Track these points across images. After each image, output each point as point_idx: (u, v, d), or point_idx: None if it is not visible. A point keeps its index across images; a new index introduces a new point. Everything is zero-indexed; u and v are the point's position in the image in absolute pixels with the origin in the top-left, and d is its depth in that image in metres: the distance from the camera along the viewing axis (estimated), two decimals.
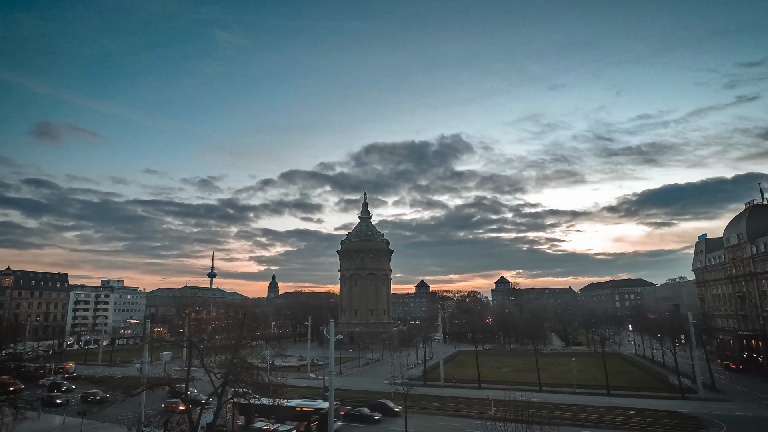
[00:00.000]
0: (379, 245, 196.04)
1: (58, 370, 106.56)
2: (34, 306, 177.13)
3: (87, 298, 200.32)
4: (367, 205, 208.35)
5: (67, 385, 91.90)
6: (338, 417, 57.19)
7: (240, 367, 45.74)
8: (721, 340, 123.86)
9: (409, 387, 63.23)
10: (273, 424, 54.18)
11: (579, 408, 69.74)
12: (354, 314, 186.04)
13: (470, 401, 75.32)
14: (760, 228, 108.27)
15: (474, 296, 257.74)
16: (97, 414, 65.02)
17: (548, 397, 76.25)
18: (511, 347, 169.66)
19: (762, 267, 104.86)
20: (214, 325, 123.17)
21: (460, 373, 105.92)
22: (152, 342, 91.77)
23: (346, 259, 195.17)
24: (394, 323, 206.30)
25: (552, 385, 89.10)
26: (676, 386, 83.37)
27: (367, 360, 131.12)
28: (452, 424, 61.26)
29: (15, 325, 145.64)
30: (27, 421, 53.19)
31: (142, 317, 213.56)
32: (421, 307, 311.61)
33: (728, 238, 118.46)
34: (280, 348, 78.01)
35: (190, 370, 48.28)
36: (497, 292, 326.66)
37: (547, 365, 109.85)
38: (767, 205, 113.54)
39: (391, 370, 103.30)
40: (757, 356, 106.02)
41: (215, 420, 45.47)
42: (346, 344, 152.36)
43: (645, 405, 71.88)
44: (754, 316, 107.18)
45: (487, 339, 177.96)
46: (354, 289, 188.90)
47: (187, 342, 52.12)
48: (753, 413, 66.51)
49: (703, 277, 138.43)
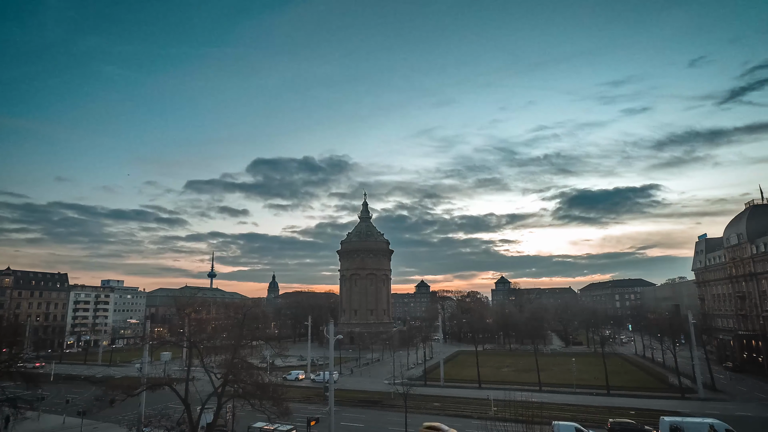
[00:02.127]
0: (379, 245, 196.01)
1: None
2: (34, 306, 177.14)
3: (87, 298, 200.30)
4: (367, 205, 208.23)
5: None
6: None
7: (240, 367, 45.72)
8: (721, 340, 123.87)
9: (409, 387, 63.34)
10: (273, 424, 54.14)
11: (579, 408, 69.82)
12: (354, 314, 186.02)
13: (470, 401, 75.39)
14: (760, 228, 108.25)
15: (474, 296, 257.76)
16: (97, 414, 64.97)
17: (548, 397, 76.35)
18: (511, 347, 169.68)
19: (762, 267, 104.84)
20: (214, 325, 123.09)
21: (460, 373, 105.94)
22: (152, 342, 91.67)
23: (346, 259, 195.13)
24: (394, 323, 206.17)
25: (552, 385, 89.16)
26: (676, 386, 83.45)
27: (367, 360, 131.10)
28: (452, 424, 61.21)
29: (15, 325, 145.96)
30: (27, 421, 53.29)
31: (142, 317, 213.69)
32: (421, 307, 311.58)
33: (728, 238, 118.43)
34: (280, 348, 78.00)
35: (190, 370, 48.26)
36: (497, 292, 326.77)
37: (547, 365, 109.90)
38: (767, 205, 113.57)
39: (391, 370, 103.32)
40: (757, 356, 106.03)
41: (215, 420, 45.45)
42: (346, 344, 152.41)
43: (645, 405, 71.98)
44: (754, 316, 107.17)
45: (487, 339, 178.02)
46: (354, 289, 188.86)
47: (187, 342, 52.05)
48: (753, 413, 66.53)
49: (703, 277, 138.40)
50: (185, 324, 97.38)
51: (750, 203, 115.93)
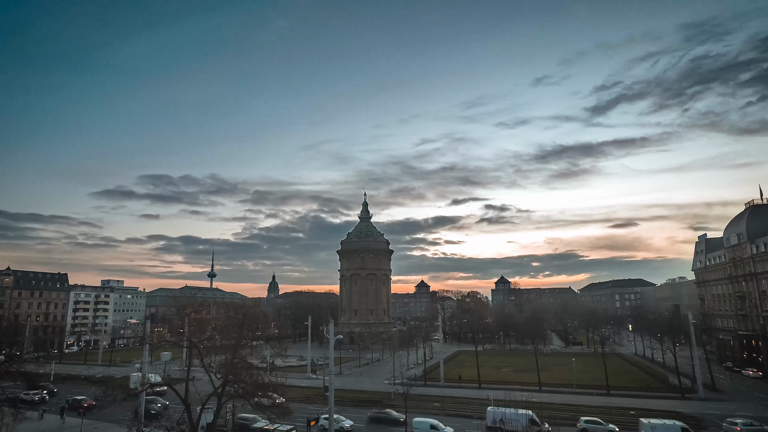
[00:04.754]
0: (379, 245, 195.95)
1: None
2: (34, 306, 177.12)
3: (87, 298, 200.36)
4: (366, 205, 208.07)
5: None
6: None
7: (240, 367, 45.73)
8: (721, 340, 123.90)
9: (409, 387, 63.33)
10: (273, 424, 54.14)
11: (579, 408, 69.78)
12: (354, 314, 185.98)
13: (470, 401, 75.38)
14: (760, 228, 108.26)
15: (474, 296, 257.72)
16: (97, 414, 65.02)
17: (548, 397, 76.36)
18: (511, 347, 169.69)
19: (762, 267, 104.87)
20: (214, 325, 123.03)
21: (460, 372, 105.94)
22: (152, 342, 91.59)
23: (346, 259, 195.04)
24: (394, 323, 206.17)
25: (552, 385, 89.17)
26: (676, 386, 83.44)
27: (367, 360, 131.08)
28: (452, 424, 61.21)
29: (15, 325, 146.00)
30: (27, 421, 53.22)
31: (142, 317, 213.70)
32: (421, 307, 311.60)
33: (728, 238, 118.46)
34: (280, 348, 78.06)
35: (190, 370, 48.28)
36: (497, 292, 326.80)
37: (547, 365, 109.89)
38: (767, 205, 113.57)
39: (391, 370, 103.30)
40: (757, 356, 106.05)
41: (215, 420, 45.46)
42: (346, 344, 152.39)
43: (645, 405, 72.01)
44: (754, 316, 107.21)
45: (487, 339, 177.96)
46: (354, 289, 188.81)
47: (187, 342, 52.06)
48: (753, 413, 66.52)
49: (703, 277, 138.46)
50: (185, 324, 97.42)
51: (750, 203, 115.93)
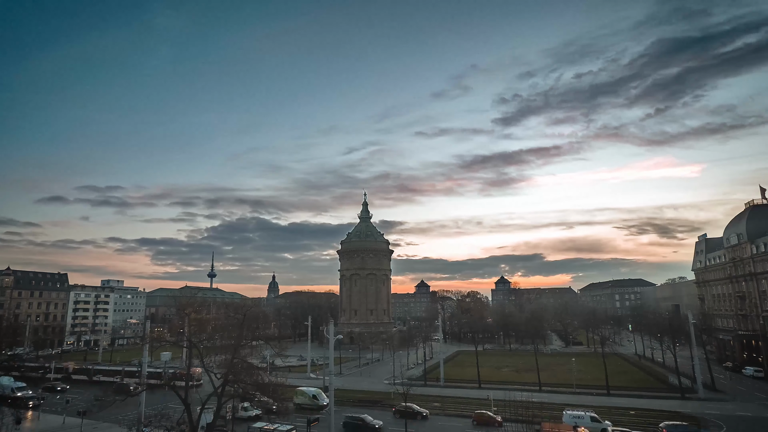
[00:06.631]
0: (379, 245, 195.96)
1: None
2: (34, 306, 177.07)
3: (87, 298, 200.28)
4: (366, 205, 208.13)
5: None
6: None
7: (240, 367, 45.74)
8: (721, 340, 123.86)
9: (409, 387, 63.35)
10: (273, 424, 54.17)
11: (579, 408, 69.65)
12: (354, 314, 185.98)
13: (470, 401, 75.35)
14: (760, 228, 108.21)
15: (474, 296, 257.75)
16: (97, 414, 64.93)
17: (548, 397, 76.34)
18: (511, 347, 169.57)
19: (762, 267, 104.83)
20: (214, 325, 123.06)
21: (460, 373, 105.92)
22: (152, 342, 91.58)
23: (346, 259, 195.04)
24: (394, 323, 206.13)
25: (552, 385, 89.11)
26: (676, 386, 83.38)
27: (367, 360, 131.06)
28: (453, 423, 61.22)
29: (15, 325, 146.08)
30: (27, 421, 53.31)
31: (142, 317, 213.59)
32: (421, 307, 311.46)
33: (728, 238, 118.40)
34: (280, 348, 77.99)
35: (190, 370, 48.27)
36: (497, 292, 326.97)
37: (547, 365, 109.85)
38: (767, 205, 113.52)
39: (391, 370, 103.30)
40: (757, 356, 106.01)
41: (215, 420, 45.46)
42: (346, 344, 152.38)
43: (645, 405, 71.98)
44: (754, 316, 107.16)
45: (487, 339, 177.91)
46: (354, 289, 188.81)
47: (187, 342, 52.06)
48: (753, 413, 66.53)
49: (703, 277, 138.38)
50: (185, 324, 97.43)
51: (750, 203, 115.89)
